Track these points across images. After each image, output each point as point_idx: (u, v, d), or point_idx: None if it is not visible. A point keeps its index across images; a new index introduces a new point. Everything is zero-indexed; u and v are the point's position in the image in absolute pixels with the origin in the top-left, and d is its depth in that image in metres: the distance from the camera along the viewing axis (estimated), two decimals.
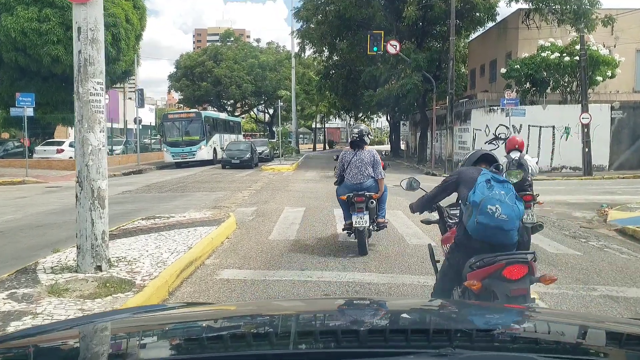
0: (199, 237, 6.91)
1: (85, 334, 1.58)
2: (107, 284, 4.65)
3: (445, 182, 3.64)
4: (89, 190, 4.99)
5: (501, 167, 3.66)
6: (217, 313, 1.97)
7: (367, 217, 6.62)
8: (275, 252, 7.03)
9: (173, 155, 28.65)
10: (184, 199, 13.63)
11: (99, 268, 5.03)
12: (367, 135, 6.92)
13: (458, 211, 3.69)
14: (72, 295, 4.35)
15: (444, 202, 3.99)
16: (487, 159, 3.63)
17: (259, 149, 31.18)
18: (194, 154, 28.60)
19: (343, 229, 7.22)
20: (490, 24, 29.50)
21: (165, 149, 29.72)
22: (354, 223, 6.62)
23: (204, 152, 29.10)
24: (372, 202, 6.69)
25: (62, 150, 29.41)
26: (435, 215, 4.07)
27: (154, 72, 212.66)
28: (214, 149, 30.85)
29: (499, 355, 1.30)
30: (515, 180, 3.75)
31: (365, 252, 6.72)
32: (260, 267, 6.21)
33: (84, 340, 1.53)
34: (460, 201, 3.52)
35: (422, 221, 4.22)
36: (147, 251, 5.99)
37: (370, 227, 6.92)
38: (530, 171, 6.43)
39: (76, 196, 5.06)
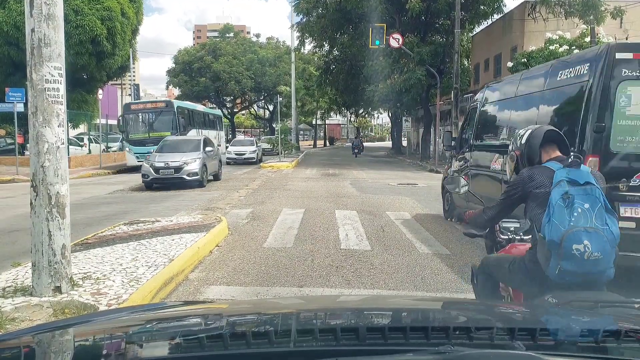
0: (184, 246, 6.09)
1: (83, 333, 1.58)
2: (65, 311, 3.86)
3: (509, 195, 2.66)
4: (45, 197, 4.18)
5: (579, 156, 2.63)
6: (216, 311, 1.96)
7: None
8: (270, 263, 6.22)
9: (137, 157, 21.72)
10: (176, 200, 12.83)
11: (57, 289, 4.23)
12: None
13: (516, 226, 2.94)
14: (18, 328, 3.55)
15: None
16: (554, 139, 2.62)
17: (240, 150, 27.53)
18: None
19: None
20: (496, 16, 28.60)
21: (127, 149, 23.51)
22: None
23: None
24: None
25: None
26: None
27: (157, 69, 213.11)
28: None
29: (498, 353, 1.27)
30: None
31: None
32: (252, 283, 5.41)
33: (82, 340, 1.52)
34: (528, 219, 2.63)
35: (465, 233, 3.15)
36: (121, 265, 5.17)
37: None
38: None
39: (30, 203, 4.26)
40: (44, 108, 4.13)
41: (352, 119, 76.31)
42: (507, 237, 3.06)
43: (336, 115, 69.03)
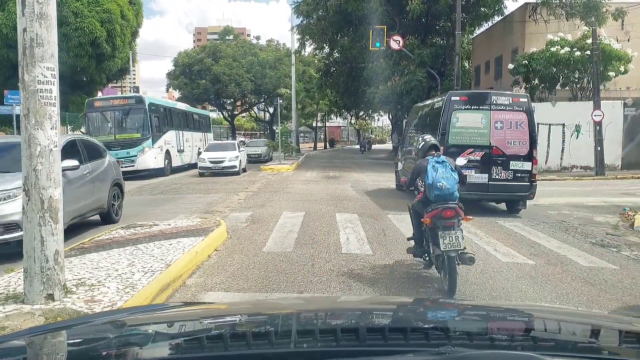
0: (182, 250, 5.96)
1: (83, 333, 1.58)
2: (58, 319, 3.73)
3: (413, 174, 5.80)
4: (37, 201, 4.06)
5: (440, 149, 5.95)
6: (216, 312, 1.96)
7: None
8: (270, 268, 6.10)
9: None
10: (175, 202, 12.71)
11: (50, 297, 4.10)
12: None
13: (421, 184, 5.80)
14: None
15: None
16: (434, 147, 5.79)
17: (217, 157, 21.04)
18: (132, 161, 19.58)
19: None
20: (496, 18, 28.51)
21: None
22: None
23: (148, 157, 20.02)
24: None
25: None
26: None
27: (158, 71, 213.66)
28: (167, 152, 21.71)
29: (498, 354, 1.26)
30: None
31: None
32: (250, 289, 5.28)
33: (82, 340, 1.53)
34: (421, 180, 5.65)
35: (404, 190, 6.46)
36: (116, 271, 5.04)
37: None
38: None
39: (22, 208, 4.13)
40: (37, 110, 4.01)
41: (353, 121, 76.20)
42: (418, 190, 6.27)
43: (336, 117, 68.93)
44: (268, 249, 7.08)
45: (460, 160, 7.29)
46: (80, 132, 21.40)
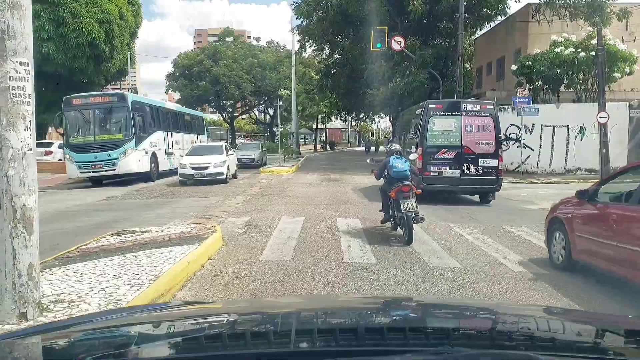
0: (173, 260, 5.57)
1: (83, 332, 1.57)
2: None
3: (381, 167, 8.45)
4: (9, 210, 3.68)
5: (401, 152, 8.73)
6: (216, 312, 1.94)
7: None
8: (267, 278, 5.71)
9: (80, 167, 17.83)
10: (172, 206, 12.33)
11: (23, 316, 3.72)
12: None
13: (386, 174, 8.27)
14: None
15: None
16: (397, 151, 8.43)
17: (200, 162, 17.91)
18: (113, 164, 17.81)
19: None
20: (499, 19, 28.15)
21: (67, 155, 18.38)
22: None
23: (131, 159, 18.16)
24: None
25: (51, 152, 28.08)
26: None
27: (159, 73, 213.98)
28: (153, 155, 19.88)
29: (497, 353, 1.26)
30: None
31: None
32: None
33: (81, 339, 1.50)
34: (387, 172, 8.22)
35: (377, 178, 8.88)
36: (100, 284, 4.65)
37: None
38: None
39: None
40: (8, 109, 3.64)
41: (353, 123, 75.83)
42: (385, 178, 8.40)
43: (337, 119, 68.58)
44: (265, 257, 6.70)
45: (412, 155, 11.48)
46: (58, 132, 20.02)
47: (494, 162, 12.39)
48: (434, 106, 12.79)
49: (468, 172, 12.41)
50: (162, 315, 1.83)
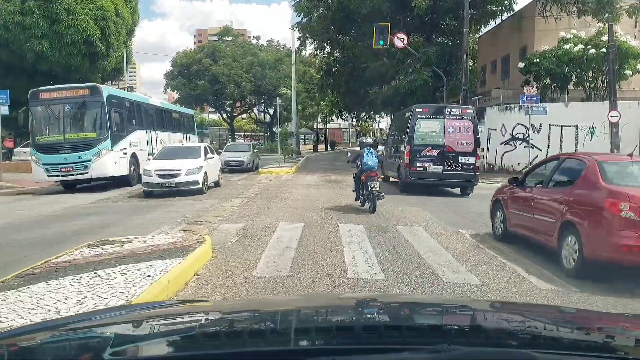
0: (152, 278, 4.83)
1: (80, 331, 1.54)
2: None
3: (355, 156, 11.71)
4: None
5: (372, 145, 12.01)
6: (214, 310, 1.92)
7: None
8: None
9: (47, 170, 15.70)
10: (163, 210, 11.59)
11: None
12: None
13: (360, 163, 11.16)
14: None
15: None
16: (369, 145, 11.60)
17: (171, 167, 14.24)
18: (85, 167, 15.69)
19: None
20: (505, 15, 27.38)
21: (33, 157, 16.10)
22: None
23: (107, 161, 15.96)
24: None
25: None
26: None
27: (159, 72, 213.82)
28: (133, 156, 17.66)
29: (494, 351, 1.26)
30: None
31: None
32: None
33: (79, 338, 1.49)
34: (359, 161, 11.23)
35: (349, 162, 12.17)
36: (59, 312, 3.91)
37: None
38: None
39: None
40: None
41: (354, 123, 75.04)
42: (357, 166, 11.43)
43: (337, 119, 67.78)
44: (259, 272, 5.94)
45: (381, 149, 15.47)
46: (24, 130, 17.88)
47: (472, 160, 14.45)
48: (420, 110, 14.97)
49: (449, 168, 14.47)
50: (160, 313, 1.79)
